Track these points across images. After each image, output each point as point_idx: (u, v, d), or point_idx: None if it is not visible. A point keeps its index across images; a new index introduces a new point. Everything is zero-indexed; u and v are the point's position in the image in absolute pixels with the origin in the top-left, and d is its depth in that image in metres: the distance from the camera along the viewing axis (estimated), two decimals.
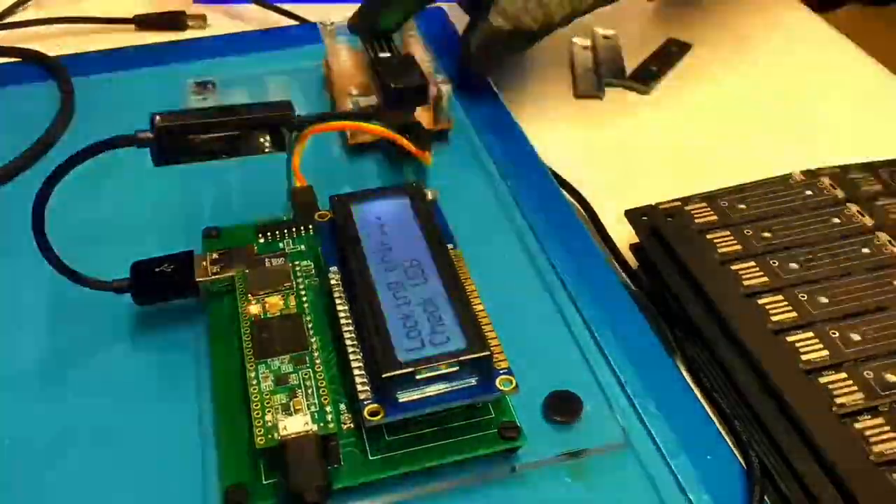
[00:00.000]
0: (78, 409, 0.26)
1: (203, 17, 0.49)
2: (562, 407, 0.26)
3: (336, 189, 0.31)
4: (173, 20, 0.48)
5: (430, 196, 0.30)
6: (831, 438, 0.25)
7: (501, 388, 0.24)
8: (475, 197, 0.35)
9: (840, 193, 0.33)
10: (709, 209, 0.32)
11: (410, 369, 0.23)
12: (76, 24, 0.48)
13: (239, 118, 0.27)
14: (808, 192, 0.33)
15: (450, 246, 0.28)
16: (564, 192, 0.36)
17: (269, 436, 0.23)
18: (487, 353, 0.24)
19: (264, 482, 0.23)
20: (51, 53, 0.43)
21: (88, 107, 0.40)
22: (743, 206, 0.32)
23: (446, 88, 0.36)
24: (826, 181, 0.33)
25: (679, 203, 0.33)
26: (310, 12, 0.48)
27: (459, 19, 0.46)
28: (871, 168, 0.34)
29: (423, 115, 0.36)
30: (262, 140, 0.28)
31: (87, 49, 0.44)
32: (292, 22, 0.48)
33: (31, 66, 0.43)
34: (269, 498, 0.23)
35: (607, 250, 0.34)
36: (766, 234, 0.31)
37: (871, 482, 0.24)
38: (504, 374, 0.24)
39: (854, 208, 0.32)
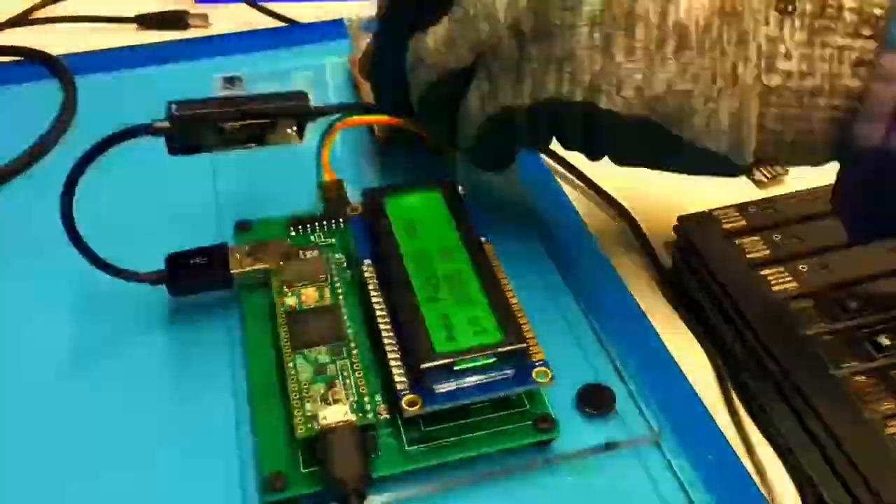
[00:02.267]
0: (114, 399, 0.27)
1: (205, 17, 0.49)
2: (594, 399, 0.26)
3: (364, 182, 0.31)
4: (175, 19, 0.48)
5: (461, 191, 0.30)
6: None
7: (537, 379, 0.24)
8: (501, 193, 0.35)
9: None
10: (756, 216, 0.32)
11: (449, 360, 0.24)
12: (78, 23, 0.48)
13: (254, 108, 0.27)
14: None
15: (483, 239, 0.28)
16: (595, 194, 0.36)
17: (310, 425, 0.23)
18: (524, 344, 0.24)
19: (303, 470, 0.23)
20: (53, 52, 0.43)
21: (91, 105, 0.40)
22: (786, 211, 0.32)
23: None
24: None
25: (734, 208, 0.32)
26: (308, 10, 0.48)
27: None
28: None
29: None
30: (285, 130, 0.28)
31: (89, 48, 0.44)
32: (285, 23, 0.48)
33: (33, 66, 0.43)
34: (307, 486, 0.23)
35: (640, 249, 0.34)
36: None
37: None
38: (540, 365, 0.24)
39: None
